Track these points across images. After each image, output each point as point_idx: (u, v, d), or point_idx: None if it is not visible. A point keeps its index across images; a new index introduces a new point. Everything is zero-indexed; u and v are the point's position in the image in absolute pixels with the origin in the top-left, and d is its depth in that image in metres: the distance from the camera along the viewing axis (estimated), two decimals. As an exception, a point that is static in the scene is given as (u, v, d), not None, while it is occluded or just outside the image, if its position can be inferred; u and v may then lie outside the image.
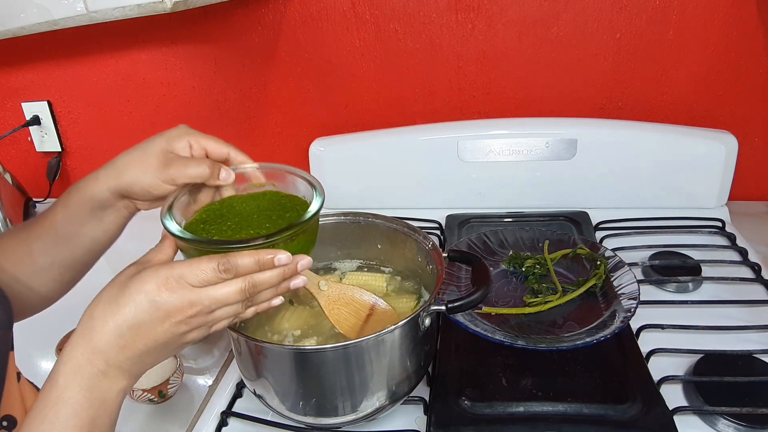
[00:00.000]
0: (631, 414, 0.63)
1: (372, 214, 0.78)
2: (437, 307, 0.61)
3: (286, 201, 0.59)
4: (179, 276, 0.46)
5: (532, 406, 0.65)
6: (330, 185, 1.15)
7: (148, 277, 0.46)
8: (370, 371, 0.59)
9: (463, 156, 1.08)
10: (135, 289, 0.46)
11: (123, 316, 0.45)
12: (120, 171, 0.56)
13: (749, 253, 0.93)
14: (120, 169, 0.56)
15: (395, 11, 1.09)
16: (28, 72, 1.32)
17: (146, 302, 0.45)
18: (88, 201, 0.57)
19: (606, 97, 1.11)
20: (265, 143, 1.28)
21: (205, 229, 0.54)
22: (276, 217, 0.56)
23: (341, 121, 1.21)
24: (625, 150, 1.04)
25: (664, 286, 0.87)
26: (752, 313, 0.80)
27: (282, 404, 0.63)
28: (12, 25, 0.89)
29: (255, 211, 0.57)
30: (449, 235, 1.04)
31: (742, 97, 1.06)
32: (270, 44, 1.17)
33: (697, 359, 0.71)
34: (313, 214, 0.54)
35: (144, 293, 0.46)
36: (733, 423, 0.62)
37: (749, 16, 0.99)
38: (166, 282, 0.46)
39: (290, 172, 0.61)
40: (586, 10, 1.03)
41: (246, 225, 0.55)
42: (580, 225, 1.03)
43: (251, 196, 0.60)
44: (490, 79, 1.13)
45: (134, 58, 1.25)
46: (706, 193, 1.05)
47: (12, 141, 1.40)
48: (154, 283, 0.46)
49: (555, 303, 0.79)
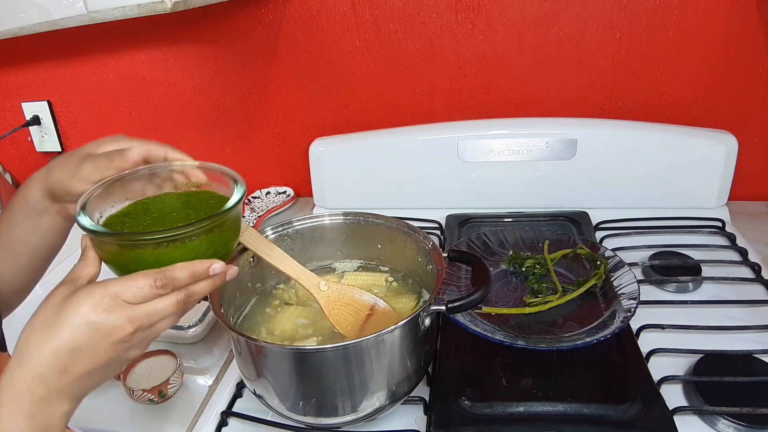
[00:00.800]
0: (631, 414, 0.63)
1: (372, 214, 0.78)
2: (437, 307, 0.62)
3: (216, 200, 0.56)
4: (115, 294, 0.45)
5: (532, 406, 0.65)
6: (330, 185, 1.17)
7: (83, 299, 0.45)
8: (370, 371, 0.59)
9: (463, 156, 1.08)
10: (71, 312, 0.45)
11: (61, 340, 0.44)
12: (48, 171, 0.58)
13: (749, 253, 0.93)
14: (48, 170, 0.58)
15: (395, 11, 1.09)
16: (28, 72, 1.32)
17: (84, 324, 0.44)
18: (24, 205, 0.59)
19: (606, 97, 1.11)
20: (265, 143, 1.28)
21: (123, 222, 0.53)
22: (200, 212, 0.54)
23: (341, 121, 1.21)
24: (625, 150, 1.04)
25: (664, 286, 0.87)
26: (752, 313, 0.80)
27: (282, 404, 0.63)
28: (12, 25, 0.89)
29: (180, 207, 0.56)
30: (449, 235, 1.04)
31: (742, 97, 1.06)
32: (270, 44, 1.17)
33: (697, 359, 0.71)
34: (231, 207, 0.52)
35: (80, 316, 0.44)
36: (733, 423, 0.62)
37: (749, 16, 0.99)
38: (101, 302, 0.45)
39: (223, 172, 0.58)
40: (586, 10, 1.03)
41: (165, 220, 0.54)
42: (580, 225, 1.03)
43: (184, 194, 0.58)
44: (490, 79, 1.13)
45: (134, 58, 1.25)
46: (706, 193, 1.05)
47: (12, 141, 1.40)
48: (89, 304, 0.45)
49: (555, 303, 0.79)
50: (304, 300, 0.76)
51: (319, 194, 1.19)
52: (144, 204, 0.57)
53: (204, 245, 0.50)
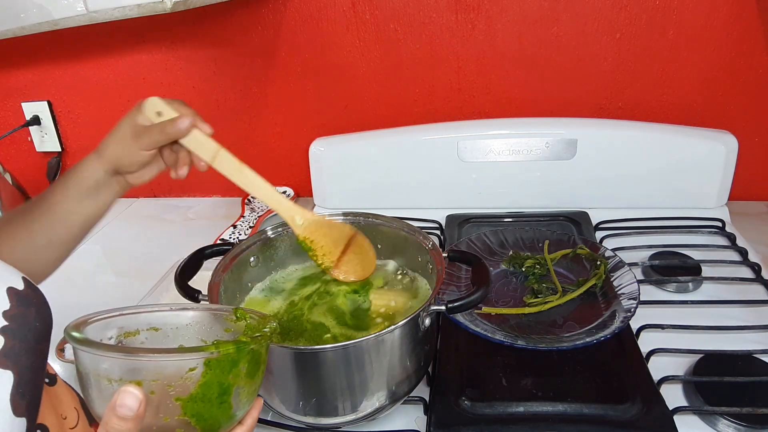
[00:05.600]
0: (631, 414, 0.63)
1: (372, 214, 0.78)
2: (437, 307, 0.61)
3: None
4: None
5: (532, 406, 0.65)
6: (330, 185, 1.17)
7: None
8: (370, 371, 0.59)
9: (463, 156, 1.08)
10: None
11: None
12: (102, 152, 0.64)
13: (749, 253, 0.93)
14: (101, 152, 0.64)
15: (395, 11, 1.09)
16: (28, 72, 1.32)
17: None
18: (85, 181, 0.63)
19: (606, 97, 1.11)
20: (265, 143, 1.28)
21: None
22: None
23: (341, 121, 1.21)
24: (625, 150, 1.04)
25: (664, 286, 0.87)
26: (752, 313, 0.80)
27: (282, 404, 0.62)
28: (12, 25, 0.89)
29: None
30: (449, 235, 1.04)
31: (742, 97, 1.06)
32: (270, 44, 1.17)
33: (697, 359, 0.71)
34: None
35: None
36: (733, 423, 0.62)
37: (749, 16, 0.99)
38: None
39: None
40: (586, 10, 1.03)
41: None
42: (580, 225, 1.03)
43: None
44: (490, 79, 1.13)
45: (134, 58, 1.25)
46: (706, 193, 1.05)
47: (12, 141, 1.40)
48: None
49: (555, 303, 0.79)
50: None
51: (319, 194, 1.19)
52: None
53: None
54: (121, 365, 0.39)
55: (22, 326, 0.44)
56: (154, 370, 0.39)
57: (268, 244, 0.76)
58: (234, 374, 0.41)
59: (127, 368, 0.39)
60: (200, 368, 0.40)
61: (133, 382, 0.38)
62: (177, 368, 0.40)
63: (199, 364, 0.40)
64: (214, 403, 0.41)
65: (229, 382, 0.41)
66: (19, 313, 0.45)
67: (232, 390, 0.42)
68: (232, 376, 0.41)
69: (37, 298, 0.48)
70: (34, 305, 0.47)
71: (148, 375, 0.39)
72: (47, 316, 0.49)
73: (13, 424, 0.41)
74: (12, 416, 0.41)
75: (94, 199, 0.64)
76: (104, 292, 0.92)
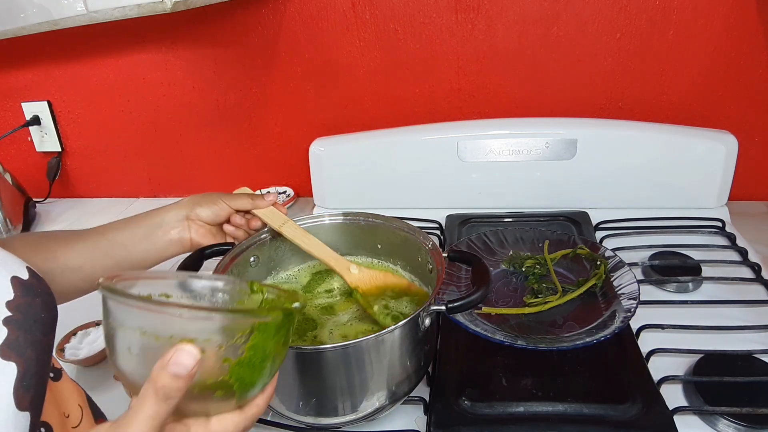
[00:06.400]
0: (631, 414, 0.63)
1: (372, 214, 0.78)
2: (437, 307, 0.61)
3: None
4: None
5: (532, 406, 0.65)
6: (330, 185, 1.17)
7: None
8: (370, 371, 0.59)
9: (463, 156, 1.08)
10: None
11: None
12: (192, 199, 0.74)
13: (749, 253, 0.93)
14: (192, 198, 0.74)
15: (395, 11, 1.09)
16: (28, 72, 1.32)
17: None
18: (149, 223, 0.71)
19: (606, 97, 1.11)
20: (265, 143, 1.28)
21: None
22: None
23: (341, 121, 1.21)
24: (625, 150, 1.04)
25: (664, 286, 0.87)
26: (752, 313, 0.80)
27: (282, 404, 0.62)
28: (12, 25, 0.89)
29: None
30: (449, 235, 1.04)
31: (742, 97, 1.06)
32: (270, 44, 1.17)
33: (697, 359, 0.71)
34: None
35: None
36: (733, 423, 0.62)
37: (749, 16, 0.99)
38: None
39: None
40: (586, 10, 1.03)
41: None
42: (580, 225, 1.03)
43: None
44: (490, 79, 1.13)
45: (134, 58, 1.25)
46: (705, 193, 1.05)
47: (12, 141, 1.40)
48: None
49: (555, 303, 0.79)
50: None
51: (319, 194, 1.19)
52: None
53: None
54: (173, 323, 0.37)
55: (27, 317, 0.43)
56: (208, 329, 0.38)
57: (268, 244, 0.77)
58: (275, 341, 0.41)
59: (180, 326, 0.37)
60: (250, 331, 0.39)
61: (185, 341, 0.36)
62: (232, 329, 0.38)
63: (251, 327, 0.39)
64: (256, 368, 0.40)
65: (270, 349, 0.40)
66: (24, 303, 0.43)
67: (271, 357, 0.41)
68: (274, 343, 0.41)
69: (42, 288, 0.47)
70: (39, 295, 0.46)
71: (201, 334, 0.37)
72: (53, 307, 0.48)
73: (16, 418, 0.40)
74: (15, 410, 0.40)
75: (151, 236, 0.70)
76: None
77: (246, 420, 0.42)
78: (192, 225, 0.72)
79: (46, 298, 0.47)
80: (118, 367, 0.39)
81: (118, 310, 0.38)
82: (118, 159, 1.37)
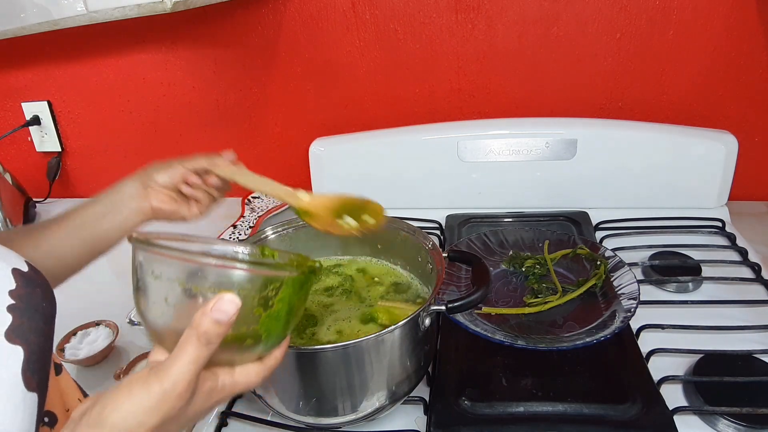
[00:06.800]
0: (631, 414, 0.63)
1: (372, 214, 0.78)
2: (437, 307, 0.61)
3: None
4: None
5: (532, 406, 0.65)
6: (330, 185, 1.17)
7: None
8: (370, 371, 0.59)
9: (463, 156, 1.08)
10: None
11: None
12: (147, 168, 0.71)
13: (749, 253, 0.93)
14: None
15: (395, 11, 1.09)
16: (28, 72, 1.32)
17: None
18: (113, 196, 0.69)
19: (606, 97, 1.11)
20: (265, 143, 1.28)
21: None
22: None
23: (341, 121, 1.21)
24: (625, 150, 1.04)
25: (664, 286, 0.87)
26: (752, 313, 0.80)
27: (282, 404, 0.63)
28: (12, 25, 0.89)
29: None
30: (449, 235, 1.04)
31: (742, 97, 1.06)
32: (270, 44, 1.17)
33: (697, 359, 0.71)
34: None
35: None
36: (733, 423, 0.62)
37: (749, 16, 0.99)
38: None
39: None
40: (586, 10, 1.03)
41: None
42: (580, 225, 1.03)
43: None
44: (490, 79, 1.13)
45: (134, 58, 1.25)
46: (705, 193, 1.05)
47: (12, 141, 1.40)
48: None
49: (555, 303, 0.79)
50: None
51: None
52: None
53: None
54: (212, 275, 0.40)
55: (29, 305, 0.45)
56: (244, 281, 0.40)
57: (268, 244, 0.76)
58: (299, 297, 0.44)
59: (218, 278, 0.40)
60: (280, 285, 0.42)
61: (223, 291, 0.39)
62: (265, 282, 0.41)
63: (282, 281, 0.42)
64: (282, 321, 0.43)
65: (294, 303, 0.43)
66: (25, 293, 0.45)
67: (294, 311, 0.44)
68: (297, 299, 0.43)
69: (41, 279, 0.48)
70: (39, 286, 0.47)
71: (238, 286, 0.40)
72: (52, 298, 0.49)
73: (26, 397, 0.41)
74: (24, 390, 0.41)
75: (119, 211, 0.68)
76: (103, 292, 0.91)
77: (266, 370, 0.45)
78: (151, 192, 0.69)
79: (46, 289, 0.48)
80: (150, 318, 0.42)
81: (156, 262, 0.41)
82: (118, 159, 1.37)
